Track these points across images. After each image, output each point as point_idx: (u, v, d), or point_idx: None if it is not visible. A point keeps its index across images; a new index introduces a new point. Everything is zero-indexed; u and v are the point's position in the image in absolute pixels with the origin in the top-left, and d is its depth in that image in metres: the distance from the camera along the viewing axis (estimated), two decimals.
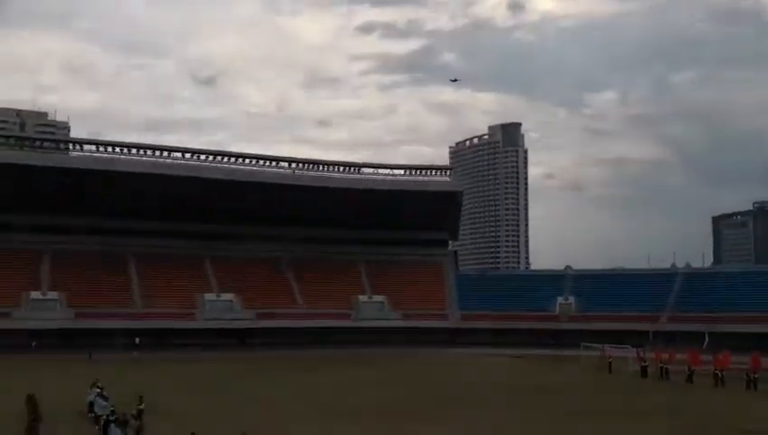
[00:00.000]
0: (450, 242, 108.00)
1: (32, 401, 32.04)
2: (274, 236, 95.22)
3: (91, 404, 31.82)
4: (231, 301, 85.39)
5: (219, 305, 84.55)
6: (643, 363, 53.83)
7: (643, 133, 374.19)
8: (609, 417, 34.01)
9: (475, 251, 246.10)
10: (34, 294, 77.92)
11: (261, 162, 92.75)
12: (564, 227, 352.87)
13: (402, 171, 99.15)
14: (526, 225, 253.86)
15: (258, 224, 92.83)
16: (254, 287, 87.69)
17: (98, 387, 33.63)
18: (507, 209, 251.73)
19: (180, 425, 28.27)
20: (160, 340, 76.20)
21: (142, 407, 29.40)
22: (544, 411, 35.59)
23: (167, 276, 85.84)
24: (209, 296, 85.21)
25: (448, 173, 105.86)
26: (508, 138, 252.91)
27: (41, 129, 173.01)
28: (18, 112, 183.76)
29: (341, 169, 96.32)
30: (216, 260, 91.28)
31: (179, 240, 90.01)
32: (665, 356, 53.29)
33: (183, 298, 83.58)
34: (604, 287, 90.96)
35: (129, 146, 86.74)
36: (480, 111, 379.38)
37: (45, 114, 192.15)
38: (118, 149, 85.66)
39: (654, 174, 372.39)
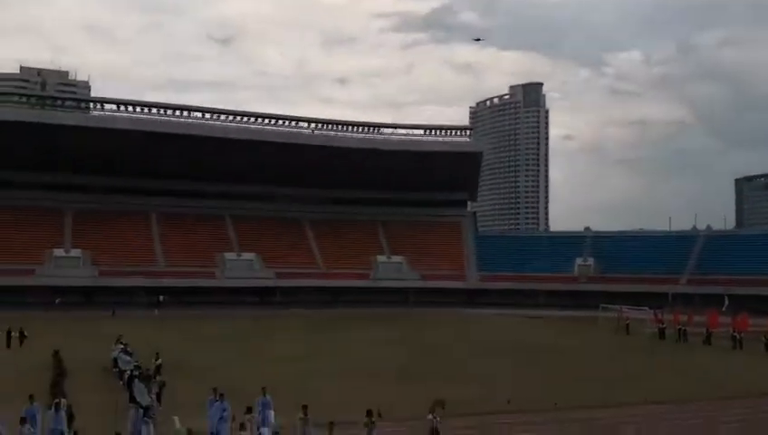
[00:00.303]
0: (469, 203, 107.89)
1: (57, 357, 32.83)
2: (295, 196, 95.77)
3: (116, 360, 32.53)
4: (251, 260, 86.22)
5: (240, 264, 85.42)
6: (661, 325, 53.85)
7: (666, 94, 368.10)
8: (624, 377, 34.17)
9: (494, 212, 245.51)
10: (57, 252, 79.18)
11: (281, 122, 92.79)
12: (584, 189, 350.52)
13: (422, 131, 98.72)
14: (546, 186, 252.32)
15: (278, 184, 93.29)
16: (275, 247, 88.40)
17: (122, 343, 34.34)
18: (527, 170, 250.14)
19: (201, 380, 28.82)
20: (182, 298, 77.47)
21: (159, 362, 30.03)
22: (563, 372, 35.82)
23: (188, 235, 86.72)
24: (230, 256, 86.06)
25: (468, 133, 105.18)
26: (529, 98, 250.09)
27: (62, 88, 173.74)
28: (40, 72, 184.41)
29: (361, 129, 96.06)
30: (236, 219, 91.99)
31: (201, 200, 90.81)
32: (683, 318, 53.23)
33: (204, 257, 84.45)
34: (624, 249, 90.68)
35: (150, 105, 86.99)
36: (501, 70, 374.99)
37: (66, 73, 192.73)
38: (138, 109, 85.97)
39: (676, 135, 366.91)
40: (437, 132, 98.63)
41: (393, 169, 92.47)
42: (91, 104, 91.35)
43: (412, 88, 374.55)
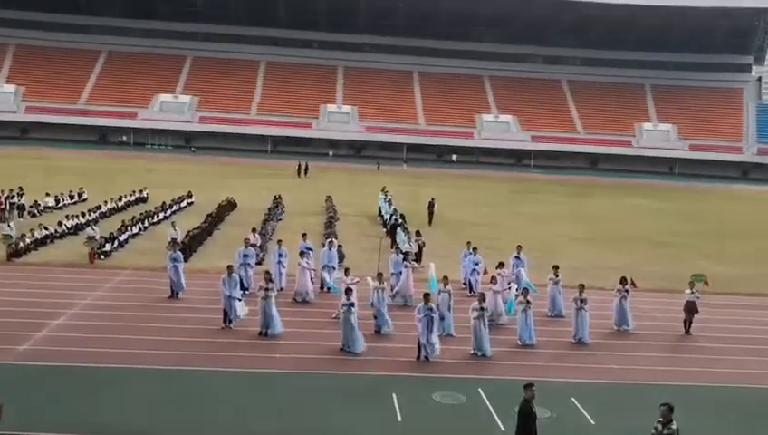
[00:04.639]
0: (754, 68, 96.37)
1: (329, 202, 36.44)
2: (552, 58, 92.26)
3: (380, 209, 35.14)
4: (508, 122, 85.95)
5: (496, 126, 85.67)
6: None
7: None
8: None
9: None
10: (330, 108, 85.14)
11: None
12: None
13: None
14: None
15: (537, 43, 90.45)
16: (532, 109, 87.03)
17: (385, 194, 36.86)
18: None
19: (457, 233, 30.27)
20: (440, 157, 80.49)
21: (400, 216, 31.22)
22: None
23: (448, 95, 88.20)
24: (487, 117, 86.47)
25: None
26: None
27: None
28: None
29: None
30: (494, 80, 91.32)
31: (462, 60, 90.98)
32: None
33: (462, 118, 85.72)
34: None
35: None
36: None
37: None
38: None
39: None
40: None
41: (665, 27, 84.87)
42: None
43: None
